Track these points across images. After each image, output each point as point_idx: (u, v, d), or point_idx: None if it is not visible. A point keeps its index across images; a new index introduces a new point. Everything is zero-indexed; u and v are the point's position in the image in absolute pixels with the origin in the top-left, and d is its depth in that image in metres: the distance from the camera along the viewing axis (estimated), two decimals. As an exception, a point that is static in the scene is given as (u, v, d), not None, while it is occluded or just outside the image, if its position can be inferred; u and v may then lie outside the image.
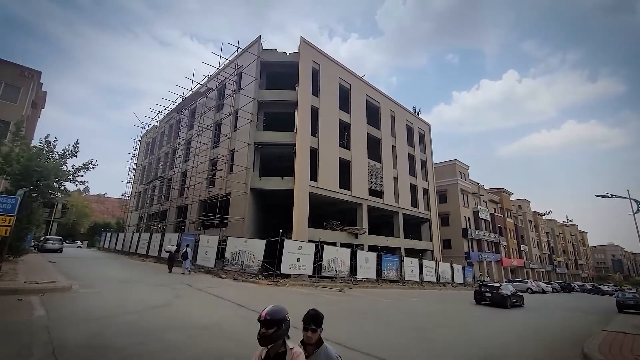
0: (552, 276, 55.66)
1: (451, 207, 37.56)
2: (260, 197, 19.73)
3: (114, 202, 65.27)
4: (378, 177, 24.58)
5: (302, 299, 11.04)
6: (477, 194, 42.39)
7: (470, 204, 40.39)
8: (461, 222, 36.89)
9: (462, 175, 40.81)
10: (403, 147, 28.40)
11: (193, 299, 9.26)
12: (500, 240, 43.31)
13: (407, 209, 27.09)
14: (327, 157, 20.56)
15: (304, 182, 18.75)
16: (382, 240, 24.04)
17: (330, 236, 19.99)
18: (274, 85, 21.08)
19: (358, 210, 22.97)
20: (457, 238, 36.29)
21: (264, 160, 20.96)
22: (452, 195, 38.04)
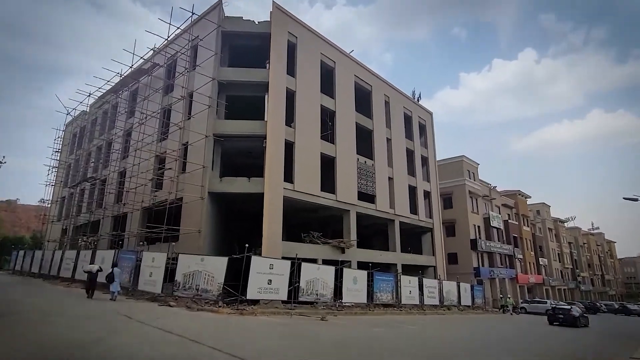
0: (576, 295, 58.31)
1: (458, 214, 38.64)
2: (221, 203, 19.54)
3: (29, 211, 62.78)
4: (369, 177, 24.91)
5: (273, 331, 10.98)
6: (488, 197, 43.81)
7: (480, 209, 41.70)
8: (469, 231, 38.02)
9: (471, 175, 42.07)
10: (400, 141, 28.94)
11: (132, 334, 8.99)
12: (515, 252, 44.97)
13: (404, 216, 27.61)
14: (306, 152, 20.63)
15: (276, 184, 18.72)
16: (374, 255, 24.36)
17: (309, 251, 20.04)
18: (239, 62, 20.91)
19: (345, 218, 23.16)
20: (464, 251, 37.38)
21: (226, 156, 20.75)
22: (458, 198, 39.16)
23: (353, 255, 22.17)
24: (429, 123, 33.67)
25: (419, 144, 31.45)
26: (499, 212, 45.62)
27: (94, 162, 28.85)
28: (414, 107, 31.93)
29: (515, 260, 44.83)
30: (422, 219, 29.51)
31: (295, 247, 18.86)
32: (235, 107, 20.19)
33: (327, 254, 20.87)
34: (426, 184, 31.37)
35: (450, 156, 43.72)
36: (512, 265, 43.82)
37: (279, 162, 18.95)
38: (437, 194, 32.53)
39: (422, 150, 31.86)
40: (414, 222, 28.65)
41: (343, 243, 21.66)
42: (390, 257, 25.70)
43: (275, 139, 19.03)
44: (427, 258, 29.75)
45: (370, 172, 25.09)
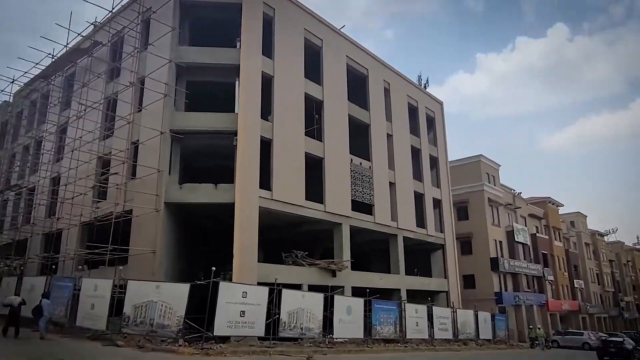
0: (618, 324, 59.30)
1: (475, 226, 39.18)
2: (181, 216, 19.47)
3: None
4: (366, 183, 25.12)
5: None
6: (511, 206, 44.56)
7: (503, 220, 42.37)
8: (489, 248, 38.58)
9: (491, 179, 42.77)
10: (403, 137, 29.29)
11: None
12: (545, 273, 45.78)
13: (409, 230, 27.89)
14: (288, 152, 20.73)
15: (250, 191, 18.74)
16: (372, 279, 24.49)
17: (292, 275, 20.08)
18: (203, 40, 20.90)
19: (336, 233, 23.28)
20: (483, 272, 37.89)
21: (188, 158, 20.71)
22: (476, 208, 39.73)
23: (346, 279, 22.25)
24: (438, 115, 34.19)
25: (426, 141, 31.89)
26: (525, 224, 46.38)
27: (20, 165, 28.39)
28: (421, 96, 32.40)
29: (545, 283, 45.61)
30: (432, 233, 29.84)
31: (274, 270, 18.86)
32: (198, 96, 20.20)
33: (315, 278, 20.90)
34: (436, 190, 31.75)
35: (465, 156, 44.33)
36: (541, 289, 44.58)
37: (253, 164, 18.98)
38: (450, 203, 32.98)
39: (430, 148, 32.30)
40: (421, 237, 28.94)
41: (334, 264, 21.73)
42: (392, 281, 25.87)
43: (249, 136, 19.06)
44: (438, 282, 30.04)
45: (367, 176, 25.30)
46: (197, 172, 22.89)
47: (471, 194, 39.89)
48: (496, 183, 43.43)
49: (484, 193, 39.91)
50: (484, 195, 39.80)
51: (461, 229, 38.06)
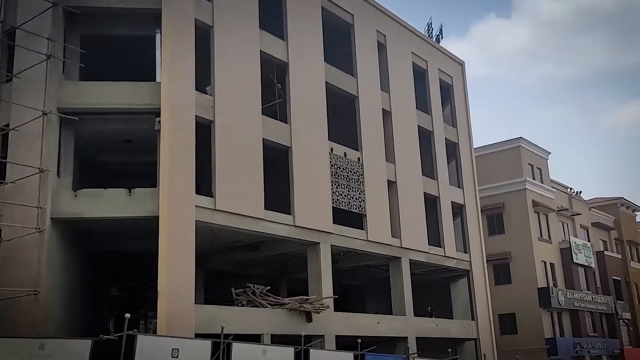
0: None
1: (515, 243, 40.07)
2: (78, 238, 19.37)
3: None
4: (353, 183, 25.46)
5: None
6: (567, 211, 45.68)
7: (555, 233, 43.42)
8: (536, 273, 39.52)
9: (536, 173, 43.83)
10: (407, 114, 29.75)
11: None
12: (618, 309, 47.02)
13: (419, 250, 28.37)
14: (237, 140, 20.83)
15: (182, 199, 18.77)
16: (366, 323, 24.81)
17: (248, 321, 20.21)
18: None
19: (310, 258, 23.53)
20: (528, 309, 38.79)
21: (87, 151, 20.59)
22: (515, 215, 40.62)
23: (328, 324, 22.51)
24: (458, 82, 34.86)
25: (440, 119, 32.50)
26: (588, 237, 47.65)
27: None
28: (432, 54, 32.96)
29: (619, 323, 46.86)
30: (451, 254, 30.43)
31: (221, 315, 18.92)
32: (100, 58, 20.04)
33: (281, 325, 21.08)
34: (456, 192, 32.38)
35: (497, 140, 45.16)
36: (613, 333, 45.79)
37: (186, 158, 19.02)
38: (477, 209, 33.67)
39: (447, 130, 32.90)
40: (436, 260, 29.46)
41: (308, 304, 21.97)
42: (395, 325, 26.28)
43: (179, 116, 19.11)
44: (462, 325, 30.64)
45: (355, 172, 25.66)
46: (102, 171, 22.70)
47: (508, 195, 40.76)
48: (544, 179, 44.47)
49: (527, 193, 40.80)
50: (526, 197, 40.69)
51: (494, 246, 38.78)
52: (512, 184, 40.90)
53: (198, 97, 19.96)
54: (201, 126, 19.86)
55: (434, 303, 30.57)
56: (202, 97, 20.17)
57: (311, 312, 21.84)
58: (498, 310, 36.37)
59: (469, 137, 34.60)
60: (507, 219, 40.60)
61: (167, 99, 18.95)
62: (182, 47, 19.80)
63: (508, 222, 40.55)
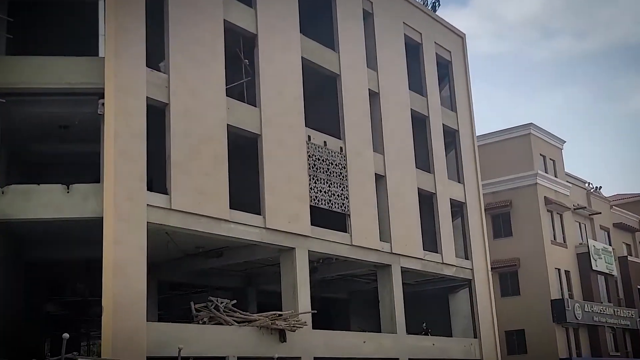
0: None
1: (524, 246, 40.32)
2: (5, 243, 19.20)
3: None
4: (335, 177, 25.48)
5: None
6: (585, 210, 46.03)
7: (571, 235, 43.74)
8: (549, 283, 39.82)
9: (549, 164, 44.16)
10: (398, 96, 29.83)
11: None
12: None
13: (413, 256, 28.47)
14: (196, 126, 20.73)
15: (131, 197, 18.62)
16: (350, 342, 24.81)
17: (210, 340, 20.12)
18: None
19: (284, 266, 23.55)
20: (539, 325, 39.09)
21: (15, 139, 20.42)
22: (524, 214, 40.88)
23: (305, 344, 22.51)
24: (458, 58, 35.04)
25: (437, 102, 32.64)
26: (609, 240, 48.03)
27: None
28: (427, 26, 33.04)
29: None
30: (450, 260, 30.60)
31: (178, 334, 18.91)
32: (32, 28, 19.88)
33: (250, 345, 21.02)
34: (456, 187, 32.57)
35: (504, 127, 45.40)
36: (638, 351, 46.15)
37: (135, 148, 18.89)
38: (480, 207, 33.90)
39: (445, 115, 33.06)
40: (432, 268, 29.61)
41: (283, 320, 21.95)
42: (385, 344, 26.35)
43: (126, 98, 18.95)
44: (463, 344, 30.81)
45: (337, 164, 25.68)
46: (35, 164, 22.46)
47: (516, 191, 41.03)
48: (558, 172, 44.80)
49: (538, 189, 41.09)
50: (537, 193, 40.97)
51: (501, 251, 39.03)
52: (521, 178, 41.18)
53: (150, 76, 19.80)
54: (153, 110, 19.72)
55: (429, 318, 30.67)
56: (154, 76, 20.01)
57: (285, 330, 21.76)
58: (505, 326, 36.62)
59: (471, 123, 34.81)
60: (516, 219, 40.88)
61: (112, 77, 18.78)
62: (131, 15, 19.64)
63: (516, 222, 40.83)
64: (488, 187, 38.45)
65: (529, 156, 41.78)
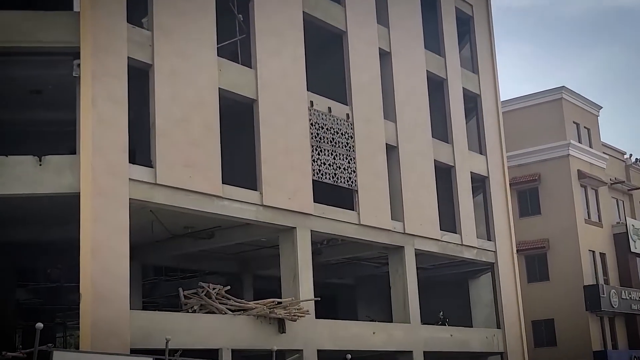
0: None
1: (554, 226, 40.30)
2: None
3: None
4: (340, 148, 25.49)
5: None
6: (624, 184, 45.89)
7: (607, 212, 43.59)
8: (582, 267, 39.80)
9: (583, 134, 44.02)
10: (412, 56, 29.77)
11: None
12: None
13: (429, 237, 28.62)
14: (184, 89, 20.69)
15: (112, 170, 18.62)
16: (358, 333, 25.00)
17: (201, 331, 20.21)
18: None
19: (283, 248, 23.66)
20: (571, 314, 39.20)
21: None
22: (554, 190, 40.83)
23: (307, 335, 22.68)
24: (481, 13, 34.95)
25: (457, 63, 32.56)
26: (650, 218, 47.89)
27: None
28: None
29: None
30: (470, 242, 30.75)
31: (165, 324, 18.98)
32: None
33: (246, 336, 21.16)
34: (477, 160, 32.61)
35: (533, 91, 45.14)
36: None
37: (114, 116, 18.86)
38: (505, 181, 33.94)
39: (466, 78, 32.99)
40: (450, 250, 29.77)
41: (282, 309, 22.06)
42: (397, 335, 26.51)
43: (105, 59, 18.88)
44: (485, 335, 31.02)
45: (343, 133, 25.68)
46: (1, 133, 22.44)
47: (546, 163, 40.98)
48: (594, 142, 44.69)
49: (571, 161, 41.01)
50: (570, 166, 40.92)
51: (528, 232, 39.06)
52: (551, 148, 41.09)
53: (131, 33, 19.73)
54: (136, 72, 19.69)
55: (447, 307, 30.85)
56: (136, 33, 19.95)
57: (285, 319, 21.85)
58: (532, 315, 36.77)
59: (495, 87, 34.73)
60: (545, 195, 40.88)
61: (88, 34, 18.71)
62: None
63: (545, 199, 40.83)
64: (514, 159, 38.42)
65: (561, 124, 41.65)
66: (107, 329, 17.59)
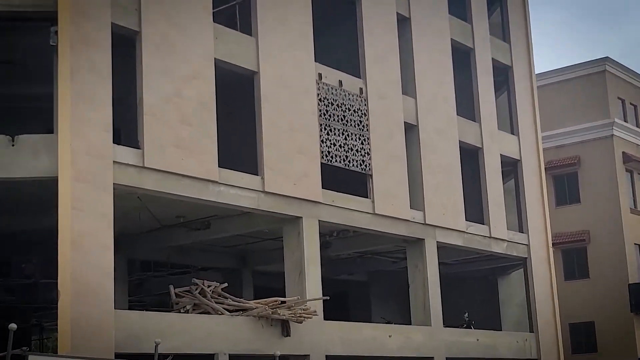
0: None
1: (594, 216, 40.18)
2: None
3: None
4: (353, 127, 25.48)
5: None
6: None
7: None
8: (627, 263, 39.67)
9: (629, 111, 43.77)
10: (434, 22, 29.69)
11: None
12: None
13: (452, 228, 28.67)
14: (176, 61, 20.74)
15: (93, 151, 18.65)
16: (371, 336, 25.07)
17: (194, 333, 20.29)
18: None
19: (288, 241, 23.73)
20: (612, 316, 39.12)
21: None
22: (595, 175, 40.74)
23: (314, 339, 22.79)
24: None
25: (485, 30, 32.49)
26: None
27: None
28: None
29: None
30: (500, 234, 30.73)
31: (154, 325, 19.05)
32: None
33: (245, 340, 21.23)
34: (509, 140, 32.58)
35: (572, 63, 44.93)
36: None
37: (97, 90, 18.86)
38: (539, 166, 33.86)
39: (494, 47, 32.90)
40: (477, 244, 29.78)
41: (287, 309, 22.10)
42: (415, 339, 26.56)
43: (85, 24, 18.87)
44: (515, 339, 31.02)
45: (355, 110, 25.65)
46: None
47: (586, 145, 40.85)
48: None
49: (615, 142, 40.84)
50: (614, 148, 40.72)
51: (565, 222, 39.02)
52: (592, 128, 40.94)
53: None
54: (121, 39, 19.68)
55: (473, 307, 30.86)
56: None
57: (289, 321, 21.91)
58: (569, 317, 36.76)
59: (529, 58, 34.64)
60: (585, 181, 40.77)
61: None
62: None
63: (585, 185, 40.73)
64: (550, 140, 38.31)
65: (604, 100, 41.46)
66: (88, 330, 17.65)
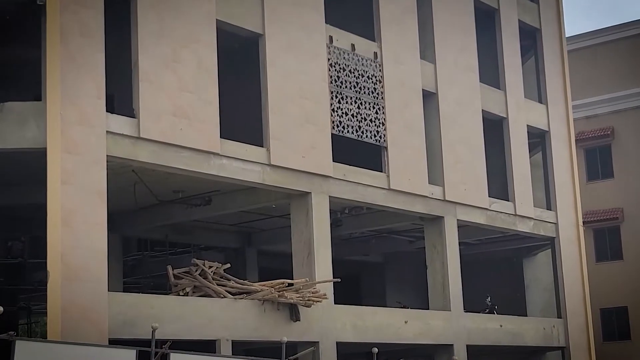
0: None
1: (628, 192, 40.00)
2: None
3: None
4: (366, 95, 25.42)
5: None
6: None
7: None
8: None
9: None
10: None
11: None
12: None
13: (474, 205, 28.67)
14: (174, 23, 20.68)
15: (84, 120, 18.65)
16: (385, 321, 25.15)
17: (194, 317, 20.35)
18: None
19: (296, 218, 23.79)
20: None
21: None
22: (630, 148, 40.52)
23: (324, 324, 22.88)
24: None
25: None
26: None
27: None
28: None
29: None
30: (526, 212, 30.71)
31: (151, 309, 19.14)
32: None
33: (250, 325, 21.32)
34: (535, 110, 32.51)
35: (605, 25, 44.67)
36: None
37: (88, 54, 18.87)
38: (569, 137, 33.78)
39: (521, 6, 32.76)
40: (501, 222, 29.79)
41: (294, 292, 22.17)
42: (434, 325, 26.62)
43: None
44: (542, 325, 31.08)
45: (369, 76, 25.63)
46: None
47: (621, 115, 40.69)
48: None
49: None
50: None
51: (598, 199, 38.96)
52: (627, 96, 40.69)
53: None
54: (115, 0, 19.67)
55: (496, 291, 30.88)
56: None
57: (297, 305, 21.99)
58: (600, 302, 36.76)
59: (559, 19, 34.45)
60: (619, 154, 40.62)
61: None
62: None
63: (619, 159, 40.57)
64: (581, 109, 38.17)
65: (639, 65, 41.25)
66: (80, 314, 17.73)
